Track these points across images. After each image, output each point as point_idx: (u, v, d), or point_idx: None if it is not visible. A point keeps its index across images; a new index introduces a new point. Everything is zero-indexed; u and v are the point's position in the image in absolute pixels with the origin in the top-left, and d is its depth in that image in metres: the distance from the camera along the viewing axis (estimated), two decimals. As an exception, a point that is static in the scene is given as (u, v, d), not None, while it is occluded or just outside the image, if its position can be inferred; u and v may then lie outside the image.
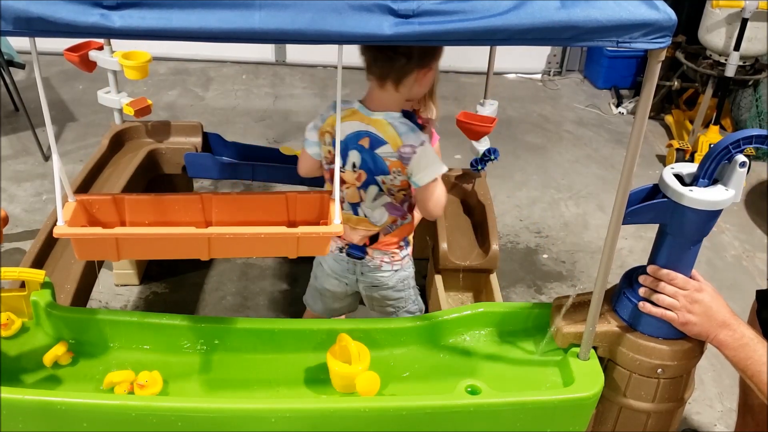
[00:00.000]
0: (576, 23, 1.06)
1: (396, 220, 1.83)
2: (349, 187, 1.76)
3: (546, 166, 3.78)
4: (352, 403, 1.43)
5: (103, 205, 1.38)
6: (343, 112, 1.68)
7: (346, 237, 1.84)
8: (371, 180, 1.74)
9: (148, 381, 1.45)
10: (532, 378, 1.54)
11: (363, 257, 1.84)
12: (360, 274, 1.90)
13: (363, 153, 1.70)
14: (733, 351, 1.36)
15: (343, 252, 1.86)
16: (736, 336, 1.36)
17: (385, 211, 1.80)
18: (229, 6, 1.01)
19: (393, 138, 1.67)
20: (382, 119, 1.66)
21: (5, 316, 1.55)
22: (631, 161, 1.22)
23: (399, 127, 1.66)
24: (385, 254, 1.86)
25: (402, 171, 1.70)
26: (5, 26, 0.99)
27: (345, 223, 1.75)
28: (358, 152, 1.70)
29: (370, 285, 1.91)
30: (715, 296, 1.40)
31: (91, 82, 4.08)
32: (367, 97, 1.70)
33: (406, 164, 1.67)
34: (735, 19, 3.50)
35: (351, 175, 1.74)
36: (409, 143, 1.66)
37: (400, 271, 1.91)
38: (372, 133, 1.68)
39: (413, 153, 1.65)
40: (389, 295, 1.94)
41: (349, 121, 1.69)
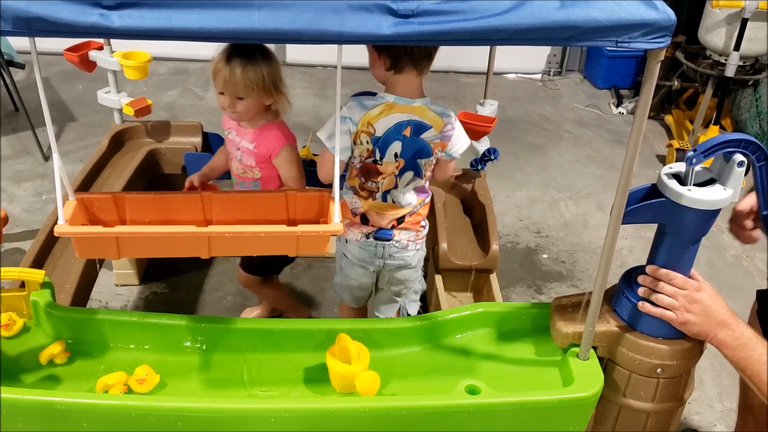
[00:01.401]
0: (575, 23, 1.06)
1: (423, 200, 1.92)
2: (386, 177, 1.82)
3: (546, 166, 3.78)
4: (352, 403, 1.43)
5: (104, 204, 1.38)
6: (379, 108, 1.73)
7: (375, 223, 1.89)
8: (410, 166, 1.81)
9: (148, 375, 1.45)
10: (531, 378, 1.54)
11: (391, 239, 1.91)
12: (388, 257, 1.93)
13: (404, 141, 1.76)
14: (733, 350, 1.36)
15: (369, 238, 1.90)
16: (735, 335, 1.36)
17: (414, 193, 1.88)
18: (229, 6, 1.01)
19: (436, 121, 1.76)
20: (422, 105, 1.75)
21: (7, 316, 1.55)
22: (630, 161, 1.22)
23: (437, 110, 1.76)
24: (411, 233, 1.92)
25: (442, 149, 1.82)
26: (5, 26, 0.99)
27: (373, 210, 1.87)
28: (400, 141, 1.76)
29: (395, 267, 1.95)
30: (714, 296, 1.40)
31: (91, 82, 4.08)
32: (400, 88, 1.74)
33: (447, 141, 1.80)
34: (735, 19, 3.50)
35: (392, 165, 1.79)
36: (449, 122, 1.78)
37: (420, 249, 1.98)
38: (415, 121, 1.75)
39: (453, 129, 1.79)
40: (409, 276, 2.00)
41: (387, 116, 1.73)
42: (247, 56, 1.81)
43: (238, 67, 1.80)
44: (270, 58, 1.87)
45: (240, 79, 1.81)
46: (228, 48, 1.82)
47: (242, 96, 1.85)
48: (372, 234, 1.89)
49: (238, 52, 1.81)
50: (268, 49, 1.87)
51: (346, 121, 1.74)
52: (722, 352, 1.38)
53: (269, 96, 1.89)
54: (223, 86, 1.85)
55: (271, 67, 1.86)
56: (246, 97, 1.85)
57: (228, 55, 1.81)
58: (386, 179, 1.81)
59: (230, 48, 1.82)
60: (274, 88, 1.88)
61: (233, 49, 1.81)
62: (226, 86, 1.84)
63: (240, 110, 1.87)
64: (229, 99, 1.86)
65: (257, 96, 1.86)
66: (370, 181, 1.82)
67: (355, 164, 1.81)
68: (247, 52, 1.81)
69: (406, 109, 1.73)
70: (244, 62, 1.81)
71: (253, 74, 1.82)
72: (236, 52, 1.81)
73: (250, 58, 1.81)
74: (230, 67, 1.80)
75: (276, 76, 1.88)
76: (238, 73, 1.80)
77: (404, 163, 1.79)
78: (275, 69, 1.87)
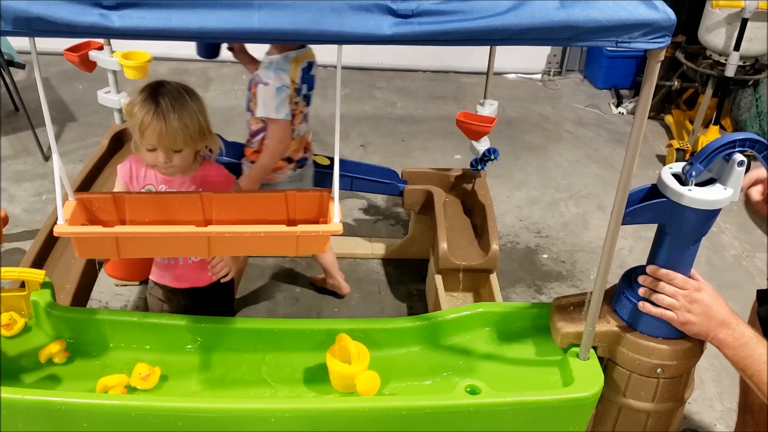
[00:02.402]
0: (575, 23, 1.06)
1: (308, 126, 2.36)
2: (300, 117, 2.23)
3: (546, 166, 3.78)
4: (352, 403, 1.43)
5: (104, 204, 1.38)
6: (293, 65, 2.13)
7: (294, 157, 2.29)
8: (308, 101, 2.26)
9: (150, 371, 1.46)
10: (531, 378, 1.54)
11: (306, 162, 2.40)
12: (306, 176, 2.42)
13: (308, 80, 2.21)
14: (733, 350, 1.36)
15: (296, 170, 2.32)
16: (735, 335, 1.36)
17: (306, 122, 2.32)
18: (229, 6, 1.01)
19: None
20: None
21: (7, 316, 1.55)
22: (630, 161, 1.22)
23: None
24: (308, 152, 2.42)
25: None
26: (5, 26, 0.99)
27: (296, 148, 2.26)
28: (306, 84, 2.21)
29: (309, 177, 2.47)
30: (714, 295, 1.40)
31: (91, 82, 4.08)
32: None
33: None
34: (735, 19, 3.50)
35: (302, 105, 2.22)
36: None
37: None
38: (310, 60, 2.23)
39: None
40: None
41: (298, 67, 2.15)
42: (173, 98, 1.57)
43: (173, 115, 1.56)
44: (194, 94, 1.64)
45: (178, 130, 1.57)
46: (148, 94, 1.58)
47: (180, 148, 1.61)
48: (295, 166, 2.29)
49: (161, 95, 1.57)
50: (187, 85, 1.65)
51: (284, 89, 2.08)
52: (722, 352, 1.38)
53: (203, 139, 1.66)
54: (158, 141, 1.58)
55: (201, 104, 1.64)
56: (185, 147, 1.61)
57: (154, 102, 1.56)
58: (297, 119, 2.20)
59: (151, 93, 1.58)
60: (207, 129, 1.65)
61: (156, 94, 1.57)
62: (161, 141, 1.57)
63: (177, 164, 1.63)
64: (165, 154, 1.60)
65: (194, 144, 1.63)
66: (292, 126, 2.20)
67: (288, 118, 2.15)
68: (171, 93, 1.58)
69: (307, 53, 2.16)
70: (176, 107, 1.57)
71: (189, 120, 1.58)
72: (161, 96, 1.57)
73: (178, 100, 1.58)
74: (162, 117, 1.55)
75: (206, 114, 1.65)
76: (175, 123, 1.56)
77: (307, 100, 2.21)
78: (203, 106, 1.65)
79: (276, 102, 2.10)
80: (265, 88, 2.09)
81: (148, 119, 1.55)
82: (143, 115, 1.56)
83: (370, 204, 3.28)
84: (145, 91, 1.59)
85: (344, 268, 2.85)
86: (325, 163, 2.63)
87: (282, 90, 2.09)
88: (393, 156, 3.72)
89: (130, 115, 1.60)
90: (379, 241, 2.96)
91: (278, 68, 2.10)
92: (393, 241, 2.94)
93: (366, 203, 3.28)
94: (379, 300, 2.71)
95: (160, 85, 1.60)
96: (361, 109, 4.27)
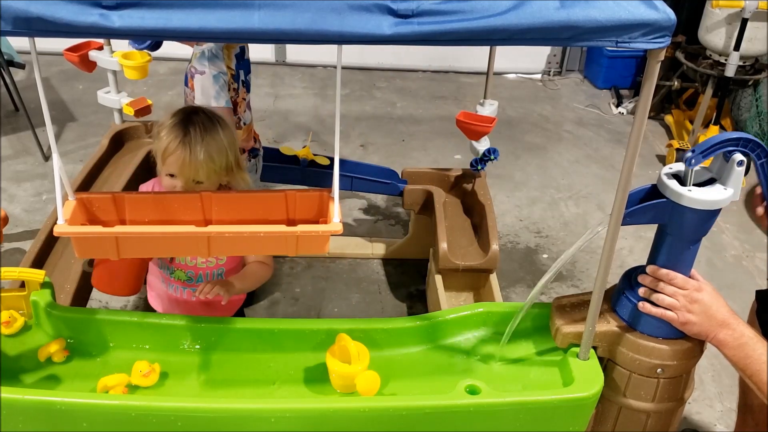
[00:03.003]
0: (575, 23, 1.06)
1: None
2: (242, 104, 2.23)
3: (546, 166, 3.78)
4: (352, 403, 1.43)
5: (103, 204, 1.38)
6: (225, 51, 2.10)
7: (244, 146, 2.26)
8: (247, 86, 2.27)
9: (150, 369, 1.46)
10: (531, 378, 1.54)
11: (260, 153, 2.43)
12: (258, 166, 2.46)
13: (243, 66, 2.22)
14: (733, 350, 1.36)
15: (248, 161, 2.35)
16: (735, 335, 1.36)
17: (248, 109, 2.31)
18: (229, 6, 1.01)
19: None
20: None
21: (7, 313, 1.55)
22: (630, 161, 1.22)
23: None
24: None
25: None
26: (5, 26, 0.99)
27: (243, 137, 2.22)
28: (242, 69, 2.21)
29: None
30: (714, 295, 1.40)
31: (91, 82, 4.08)
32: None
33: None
34: (735, 19, 3.50)
35: (243, 92, 2.23)
36: None
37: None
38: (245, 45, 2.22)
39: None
40: None
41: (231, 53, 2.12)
42: (203, 129, 1.52)
43: (199, 148, 1.50)
44: (227, 128, 1.58)
45: (202, 163, 1.51)
46: (179, 120, 1.53)
47: (202, 180, 1.55)
48: (248, 156, 2.26)
49: (192, 123, 1.52)
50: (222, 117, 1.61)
51: (221, 76, 2.06)
52: (722, 352, 1.38)
53: (229, 175, 1.60)
54: (179, 170, 1.52)
55: (233, 138, 1.57)
56: (206, 181, 1.55)
57: (182, 130, 1.50)
58: (241, 107, 2.18)
59: (182, 120, 1.52)
60: (235, 164, 1.59)
61: (186, 122, 1.52)
62: (182, 170, 1.52)
63: None
64: (184, 184, 1.54)
65: (217, 179, 1.58)
66: (237, 115, 2.14)
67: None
68: (202, 123, 1.53)
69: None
70: (205, 138, 1.51)
71: (217, 154, 1.53)
72: (191, 125, 1.51)
73: (209, 131, 1.52)
74: (189, 147, 1.49)
75: (237, 149, 1.60)
76: (200, 156, 1.50)
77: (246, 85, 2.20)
78: (235, 140, 1.59)
79: (214, 90, 2.07)
80: (201, 78, 2.06)
81: (173, 146, 1.51)
82: (169, 141, 1.51)
83: (370, 204, 3.28)
84: (176, 116, 1.54)
85: (344, 268, 2.85)
86: (325, 163, 2.63)
87: (219, 77, 2.08)
88: (393, 156, 3.72)
89: (156, 138, 1.54)
90: (379, 241, 2.96)
91: (212, 56, 2.07)
92: (393, 241, 2.94)
93: (366, 203, 3.28)
94: (379, 300, 2.71)
95: (194, 113, 1.55)
96: (361, 109, 4.27)
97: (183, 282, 1.73)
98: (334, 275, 2.81)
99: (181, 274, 1.72)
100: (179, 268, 1.71)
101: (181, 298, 1.76)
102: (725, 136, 1.33)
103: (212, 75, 2.06)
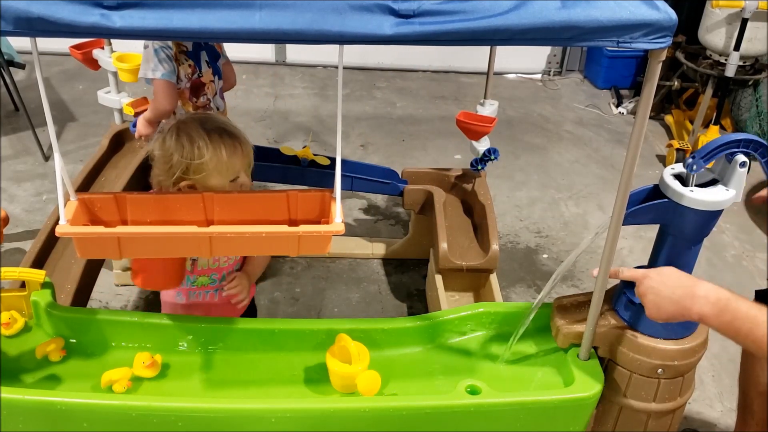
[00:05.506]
0: (576, 23, 1.06)
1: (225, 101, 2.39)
2: (209, 87, 2.21)
3: (546, 166, 3.78)
4: (352, 403, 1.43)
5: (105, 204, 1.38)
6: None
7: None
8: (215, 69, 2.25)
9: (153, 359, 1.47)
10: (532, 378, 1.54)
11: None
12: None
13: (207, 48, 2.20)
14: (716, 318, 1.24)
15: None
16: (710, 301, 1.25)
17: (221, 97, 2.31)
18: (230, 6, 1.01)
19: None
20: None
21: (7, 315, 1.55)
22: (631, 161, 1.22)
23: None
24: None
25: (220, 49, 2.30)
26: (6, 26, 0.99)
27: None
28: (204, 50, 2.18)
29: None
30: (663, 276, 1.33)
31: (91, 82, 4.08)
32: None
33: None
34: (735, 19, 3.50)
35: (209, 73, 2.22)
36: None
37: None
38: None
39: None
40: None
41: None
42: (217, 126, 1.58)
43: (236, 136, 1.58)
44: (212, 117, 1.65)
45: (247, 143, 1.60)
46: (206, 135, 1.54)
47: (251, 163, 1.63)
48: None
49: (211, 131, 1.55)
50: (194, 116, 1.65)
51: (163, 49, 2.04)
52: (708, 325, 1.28)
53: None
54: (242, 164, 1.59)
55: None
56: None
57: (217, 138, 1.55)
58: (209, 89, 2.12)
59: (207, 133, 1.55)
60: None
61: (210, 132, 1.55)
62: (244, 161, 1.59)
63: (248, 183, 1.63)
64: (247, 174, 1.62)
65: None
66: (201, 96, 2.12)
67: (183, 87, 2.07)
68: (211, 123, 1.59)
69: None
70: (227, 129, 1.58)
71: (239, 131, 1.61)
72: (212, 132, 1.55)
73: (222, 125, 1.59)
74: (235, 142, 1.56)
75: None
76: (244, 139, 1.59)
77: (213, 68, 2.15)
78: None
79: (153, 62, 2.10)
80: (145, 51, 2.13)
81: (228, 151, 1.54)
82: (221, 151, 1.53)
83: (370, 204, 3.28)
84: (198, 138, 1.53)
85: (344, 268, 2.85)
86: (325, 163, 2.63)
87: (159, 51, 2.10)
88: (393, 156, 3.72)
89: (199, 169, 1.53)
90: (379, 241, 2.96)
91: None
92: (393, 241, 2.94)
93: (366, 203, 3.28)
94: (379, 300, 2.71)
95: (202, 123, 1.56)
96: (361, 109, 4.27)
97: (206, 286, 1.73)
98: (334, 275, 2.81)
99: (205, 280, 1.72)
100: (202, 275, 1.71)
101: (203, 302, 1.75)
102: (725, 139, 1.33)
103: (154, 49, 2.11)
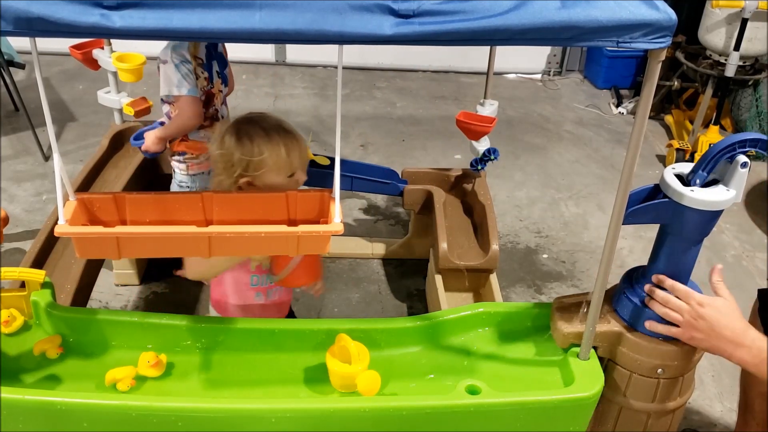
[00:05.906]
0: (576, 23, 1.06)
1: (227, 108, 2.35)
2: (218, 97, 2.21)
3: (546, 166, 3.78)
4: (352, 403, 1.43)
5: (104, 204, 1.38)
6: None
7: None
8: (224, 79, 2.25)
9: (158, 359, 1.47)
10: (532, 378, 1.54)
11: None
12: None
13: (217, 57, 2.18)
14: (755, 367, 1.29)
15: None
16: (753, 353, 1.28)
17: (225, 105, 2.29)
18: (230, 6, 1.01)
19: None
20: None
21: (7, 313, 1.55)
22: (631, 161, 1.22)
23: None
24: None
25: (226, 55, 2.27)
26: (6, 26, 0.99)
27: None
28: (215, 60, 2.19)
29: None
30: (724, 311, 1.33)
31: (91, 82, 4.08)
32: None
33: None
34: (735, 19, 3.50)
35: (219, 83, 2.21)
36: None
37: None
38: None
39: None
40: None
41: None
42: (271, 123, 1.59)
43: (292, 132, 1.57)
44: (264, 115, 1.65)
45: (302, 138, 1.59)
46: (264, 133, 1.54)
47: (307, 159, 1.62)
48: None
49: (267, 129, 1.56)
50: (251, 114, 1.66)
51: (184, 64, 2.03)
52: (745, 369, 1.33)
53: None
54: (300, 160, 1.58)
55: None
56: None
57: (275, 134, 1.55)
58: (218, 98, 2.13)
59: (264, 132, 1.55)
60: None
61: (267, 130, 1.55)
62: (302, 157, 1.58)
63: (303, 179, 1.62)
64: (304, 171, 1.61)
65: None
66: (211, 107, 2.11)
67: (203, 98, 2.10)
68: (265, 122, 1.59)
69: None
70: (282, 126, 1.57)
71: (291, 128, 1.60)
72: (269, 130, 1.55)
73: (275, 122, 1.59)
74: (292, 139, 1.55)
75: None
76: (298, 135, 1.58)
77: (222, 77, 2.16)
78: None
79: (176, 78, 2.08)
80: (164, 67, 2.10)
81: (287, 149, 1.54)
82: (281, 149, 1.53)
83: (370, 204, 3.28)
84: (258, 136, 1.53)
85: (344, 268, 2.85)
86: (325, 163, 2.63)
87: (181, 66, 2.08)
88: (393, 156, 3.72)
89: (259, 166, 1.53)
90: (379, 241, 2.96)
91: (175, 45, 2.08)
92: (393, 241, 2.94)
93: (366, 203, 3.28)
94: (379, 300, 2.71)
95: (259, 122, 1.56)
96: (361, 109, 4.27)
97: (276, 284, 1.72)
98: (334, 275, 2.81)
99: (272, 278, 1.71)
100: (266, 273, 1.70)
101: (257, 303, 1.73)
102: (724, 143, 1.33)
103: (174, 64, 2.08)
